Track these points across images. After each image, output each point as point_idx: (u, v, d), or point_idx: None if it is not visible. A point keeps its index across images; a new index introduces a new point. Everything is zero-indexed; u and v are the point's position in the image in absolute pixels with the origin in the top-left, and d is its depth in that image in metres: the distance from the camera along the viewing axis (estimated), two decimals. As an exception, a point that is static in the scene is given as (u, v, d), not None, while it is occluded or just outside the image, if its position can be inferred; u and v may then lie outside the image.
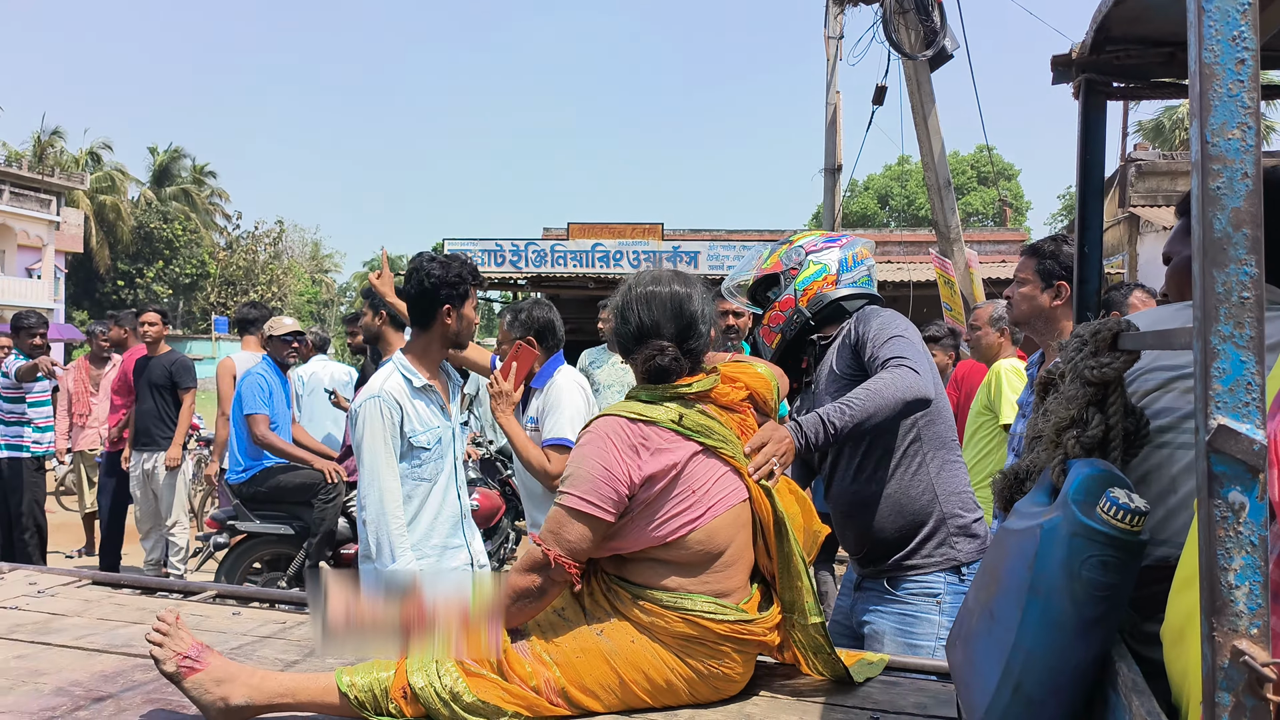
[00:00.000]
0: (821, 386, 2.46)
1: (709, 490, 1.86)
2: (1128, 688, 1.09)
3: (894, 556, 2.34)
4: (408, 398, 2.75)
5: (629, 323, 1.95)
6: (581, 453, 1.85)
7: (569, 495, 1.81)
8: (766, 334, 2.58)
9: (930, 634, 2.28)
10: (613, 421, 1.86)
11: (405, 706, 1.72)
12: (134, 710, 1.78)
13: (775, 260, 2.56)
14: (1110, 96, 1.75)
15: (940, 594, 2.29)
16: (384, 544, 2.62)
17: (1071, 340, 1.39)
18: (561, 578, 1.80)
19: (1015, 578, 1.24)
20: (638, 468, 1.81)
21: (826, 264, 2.51)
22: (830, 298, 2.49)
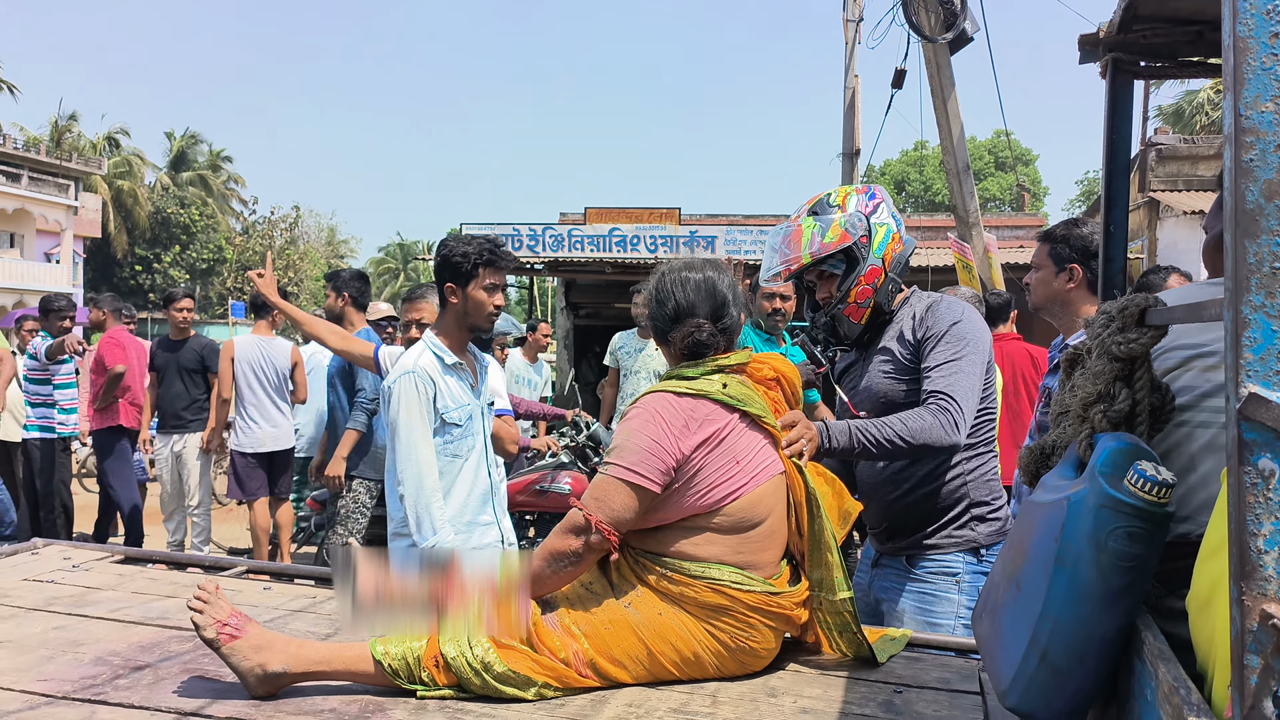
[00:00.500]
0: (874, 364, 2.41)
1: (751, 460, 1.91)
2: (1153, 655, 1.11)
3: (915, 535, 2.36)
4: (440, 374, 2.79)
5: (665, 305, 2.02)
6: (630, 425, 1.89)
7: (616, 465, 1.85)
8: (854, 311, 2.40)
9: (950, 613, 2.30)
10: (661, 397, 1.92)
11: (438, 675, 1.76)
12: (172, 679, 1.82)
13: (839, 232, 2.37)
14: (1137, 76, 1.76)
15: (960, 573, 2.32)
16: (423, 518, 2.66)
17: (1098, 317, 1.41)
18: (600, 544, 1.83)
19: (1042, 549, 1.26)
20: (686, 441, 1.86)
21: (888, 223, 2.41)
22: (905, 257, 2.42)
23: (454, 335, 2.87)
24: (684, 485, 1.87)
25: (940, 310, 2.34)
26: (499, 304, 2.84)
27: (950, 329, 2.28)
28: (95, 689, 1.76)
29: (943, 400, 2.19)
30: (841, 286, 2.40)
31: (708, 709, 1.75)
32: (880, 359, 2.40)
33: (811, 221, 2.41)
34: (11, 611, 2.23)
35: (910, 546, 2.37)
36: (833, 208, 2.41)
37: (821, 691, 1.86)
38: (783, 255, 2.42)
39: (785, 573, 1.97)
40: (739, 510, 1.88)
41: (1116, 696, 1.28)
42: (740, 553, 1.88)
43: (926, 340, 2.30)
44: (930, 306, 2.36)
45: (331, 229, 53.62)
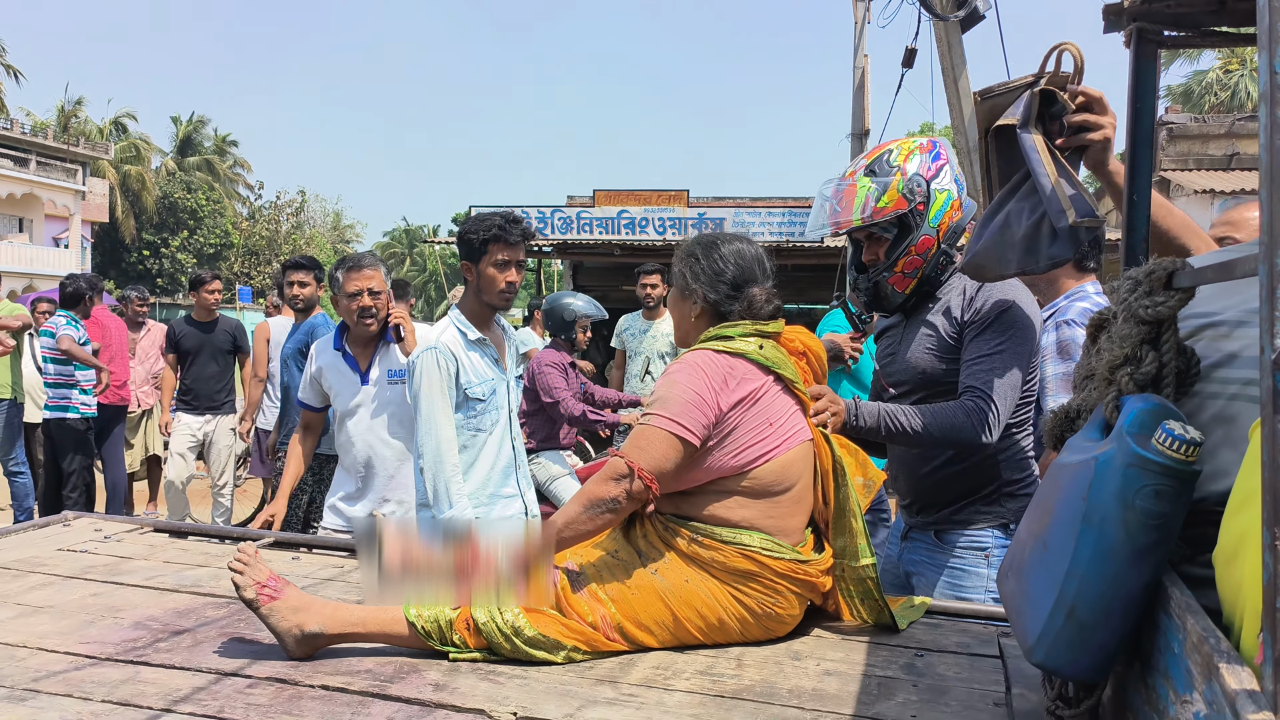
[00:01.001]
0: (917, 337, 2.35)
1: (783, 423, 1.95)
2: (1180, 609, 1.14)
3: (944, 510, 2.34)
4: (463, 350, 2.83)
5: (724, 276, 2.05)
6: (672, 379, 1.93)
7: (658, 416, 1.88)
8: (900, 280, 2.31)
9: (980, 587, 2.29)
10: (703, 353, 1.96)
11: (469, 638, 1.80)
12: (210, 642, 1.87)
13: (896, 196, 2.23)
14: (1161, 45, 1.77)
15: (989, 548, 2.29)
16: (440, 491, 2.71)
17: (1123, 281, 1.43)
18: (641, 493, 1.85)
19: (1069, 509, 1.29)
20: (725, 396, 1.89)
21: (949, 189, 2.27)
22: (962, 224, 2.31)
23: (475, 311, 2.90)
24: (718, 443, 1.90)
25: (991, 293, 2.24)
26: (510, 280, 2.84)
27: (998, 317, 2.21)
28: (137, 651, 1.80)
29: (979, 399, 2.15)
30: (891, 253, 2.29)
31: (733, 671, 1.79)
32: (924, 332, 2.32)
33: (868, 182, 2.27)
34: (49, 579, 2.27)
35: (940, 521, 2.36)
36: (892, 168, 2.26)
37: (844, 655, 1.89)
38: (832, 213, 2.31)
39: (810, 540, 2.01)
40: (769, 474, 1.91)
41: (1140, 652, 1.31)
42: (770, 517, 1.91)
43: (972, 325, 2.23)
44: (982, 286, 2.25)
45: (337, 214, 53.68)
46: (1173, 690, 1.13)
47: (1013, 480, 2.31)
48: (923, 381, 2.32)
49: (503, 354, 3.00)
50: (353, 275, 3.29)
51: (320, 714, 1.55)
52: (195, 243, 39.64)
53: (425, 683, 1.69)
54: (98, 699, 1.58)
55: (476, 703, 1.60)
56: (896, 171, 2.26)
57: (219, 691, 1.63)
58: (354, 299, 3.27)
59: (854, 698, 1.67)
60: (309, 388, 3.48)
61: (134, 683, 1.65)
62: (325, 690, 1.65)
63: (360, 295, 3.27)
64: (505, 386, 2.96)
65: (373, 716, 1.54)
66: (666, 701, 1.63)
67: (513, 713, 1.57)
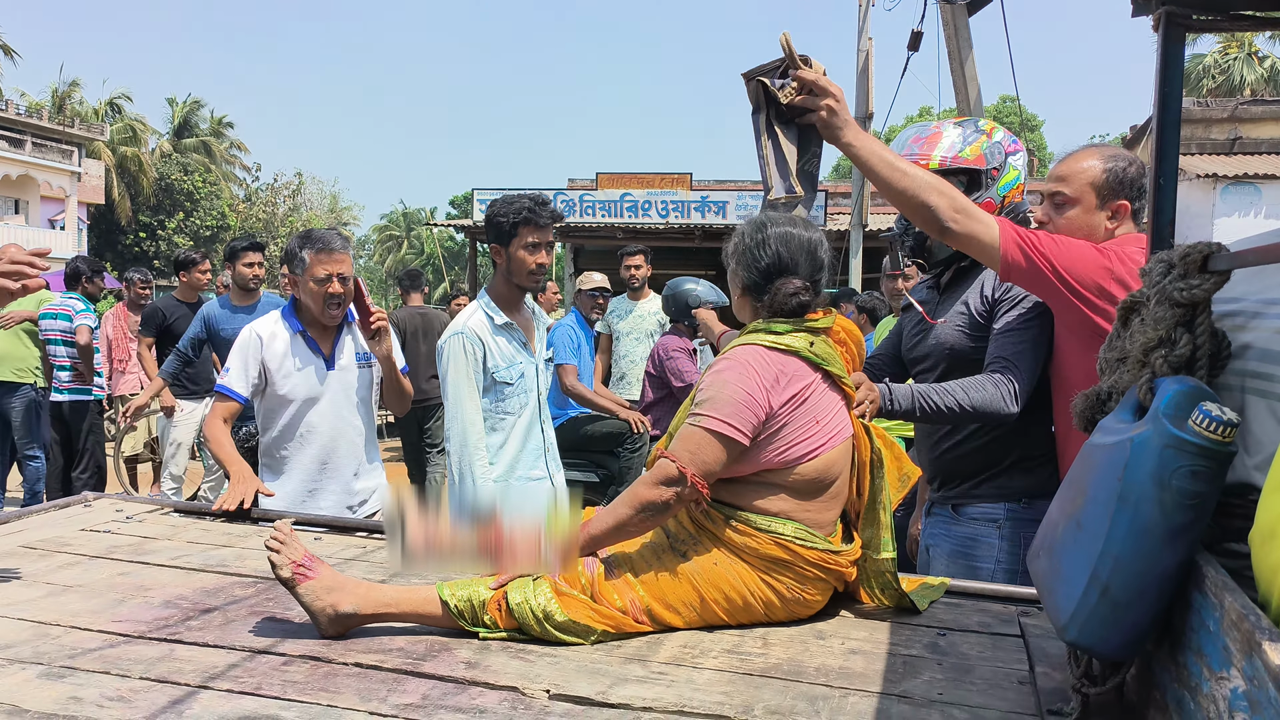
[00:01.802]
0: (950, 315, 2.42)
1: (830, 421, 1.95)
2: (1217, 587, 1.15)
3: (963, 485, 2.42)
4: (489, 334, 2.86)
5: (760, 260, 1.99)
6: (722, 377, 1.90)
7: (709, 418, 1.86)
8: None
9: (990, 556, 2.38)
10: (754, 350, 1.93)
11: (500, 619, 1.82)
12: (241, 620, 1.89)
13: (978, 153, 2.34)
14: (1189, 29, 1.77)
15: (1000, 520, 2.38)
16: (465, 473, 2.76)
17: (1156, 265, 1.44)
18: (691, 495, 1.86)
19: (1104, 489, 1.30)
20: (776, 395, 1.88)
21: (1020, 171, 2.38)
22: (1022, 209, 2.40)
23: (504, 295, 2.93)
24: (766, 439, 1.90)
25: None
26: (540, 262, 2.87)
27: (1028, 295, 2.28)
28: (170, 629, 1.82)
29: (1006, 369, 2.23)
30: None
31: (760, 649, 1.81)
32: (957, 311, 2.41)
33: (957, 131, 2.37)
34: (76, 559, 2.29)
35: (958, 495, 2.44)
36: (979, 129, 2.39)
37: (868, 634, 1.91)
38: (910, 151, 2.37)
39: (839, 530, 2.03)
40: (814, 470, 1.92)
41: (1169, 630, 1.33)
42: (807, 511, 1.93)
43: (1003, 302, 2.32)
44: None
45: (334, 196, 53.42)
46: (1207, 667, 1.15)
47: (1030, 456, 2.38)
48: (949, 358, 2.39)
49: (531, 337, 3.01)
50: (323, 259, 2.95)
51: (356, 691, 1.56)
52: (192, 225, 39.47)
53: (458, 661, 1.71)
54: (135, 675, 1.60)
55: (509, 680, 1.62)
56: (983, 135, 2.37)
57: (254, 668, 1.65)
58: (324, 284, 2.95)
59: (880, 676, 1.69)
60: (245, 375, 3.02)
61: (169, 660, 1.67)
62: (359, 668, 1.67)
63: (330, 281, 2.95)
64: (534, 369, 2.97)
65: (408, 693, 1.56)
66: (696, 679, 1.65)
67: (545, 690, 1.59)
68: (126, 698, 1.51)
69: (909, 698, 1.59)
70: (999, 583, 2.33)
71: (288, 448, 3.05)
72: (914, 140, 2.39)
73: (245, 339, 3.05)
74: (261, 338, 3.03)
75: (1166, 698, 1.30)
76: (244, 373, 3.01)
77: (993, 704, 1.58)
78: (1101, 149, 2.23)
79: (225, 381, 3.03)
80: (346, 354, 3.11)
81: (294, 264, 3.00)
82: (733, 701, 1.56)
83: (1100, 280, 2.04)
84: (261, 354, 3.02)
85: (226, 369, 3.06)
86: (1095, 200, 2.19)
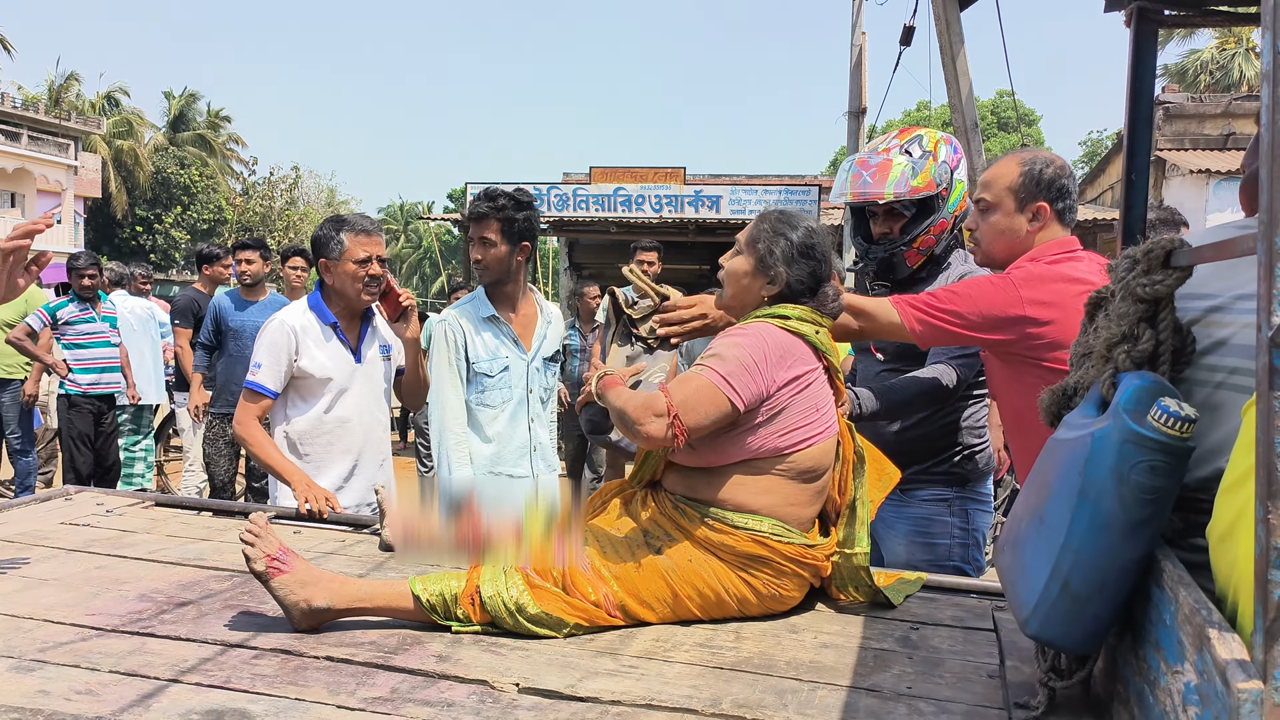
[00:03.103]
0: None
1: (825, 413, 1.98)
2: (1173, 582, 1.16)
3: (911, 470, 2.52)
4: (473, 325, 2.91)
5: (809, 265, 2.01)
6: (734, 340, 1.92)
7: (713, 371, 1.86)
8: (914, 256, 2.54)
9: (945, 533, 2.58)
10: (767, 326, 1.95)
11: (473, 613, 1.82)
12: (215, 615, 1.89)
13: (928, 180, 2.46)
14: (1161, 25, 1.78)
15: (949, 499, 2.58)
16: (443, 457, 2.83)
17: (1122, 260, 1.44)
18: (663, 438, 1.83)
19: (1065, 484, 1.31)
20: (780, 372, 1.90)
21: (963, 181, 2.53)
22: (966, 215, 2.52)
23: (488, 287, 2.96)
24: (765, 421, 1.91)
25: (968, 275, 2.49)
26: (478, 258, 2.89)
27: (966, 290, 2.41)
28: (143, 622, 1.82)
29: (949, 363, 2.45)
30: (908, 229, 2.50)
31: (732, 643, 1.82)
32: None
33: (904, 161, 2.47)
34: (54, 552, 2.29)
35: (906, 481, 2.50)
36: (926, 153, 2.49)
37: (840, 628, 1.92)
38: (862, 184, 2.47)
39: (815, 526, 2.04)
40: (808, 459, 1.93)
41: (1131, 624, 1.33)
42: (793, 504, 1.94)
43: None
44: (964, 277, 2.48)
45: (331, 190, 53.29)
46: (1164, 661, 1.15)
47: (970, 444, 2.60)
48: (897, 351, 2.59)
49: (526, 334, 3.01)
50: (361, 240, 2.89)
51: (325, 684, 1.57)
52: (189, 219, 39.38)
53: (428, 654, 1.71)
54: (105, 669, 1.60)
55: (479, 673, 1.62)
56: (930, 157, 2.48)
57: (225, 662, 1.65)
58: (364, 265, 2.88)
59: (850, 669, 1.70)
60: (277, 370, 2.90)
61: (141, 653, 1.67)
62: (330, 661, 1.67)
63: (370, 262, 2.88)
64: (525, 367, 2.97)
65: (377, 687, 1.57)
66: (666, 673, 1.66)
67: (515, 683, 1.59)
68: (95, 691, 1.51)
69: (877, 691, 1.60)
70: (956, 557, 2.56)
71: (319, 442, 2.95)
72: (866, 168, 2.49)
73: (276, 333, 2.90)
74: (295, 331, 2.91)
75: (1129, 691, 1.31)
76: (276, 368, 2.88)
77: (960, 697, 1.58)
78: (1023, 153, 2.28)
79: (257, 378, 2.88)
80: (372, 346, 3.05)
81: (329, 248, 2.91)
82: (701, 695, 1.56)
83: (1017, 310, 2.09)
84: (294, 348, 2.90)
85: (256, 364, 2.90)
86: (1014, 204, 2.24)
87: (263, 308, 5.79)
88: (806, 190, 12.61)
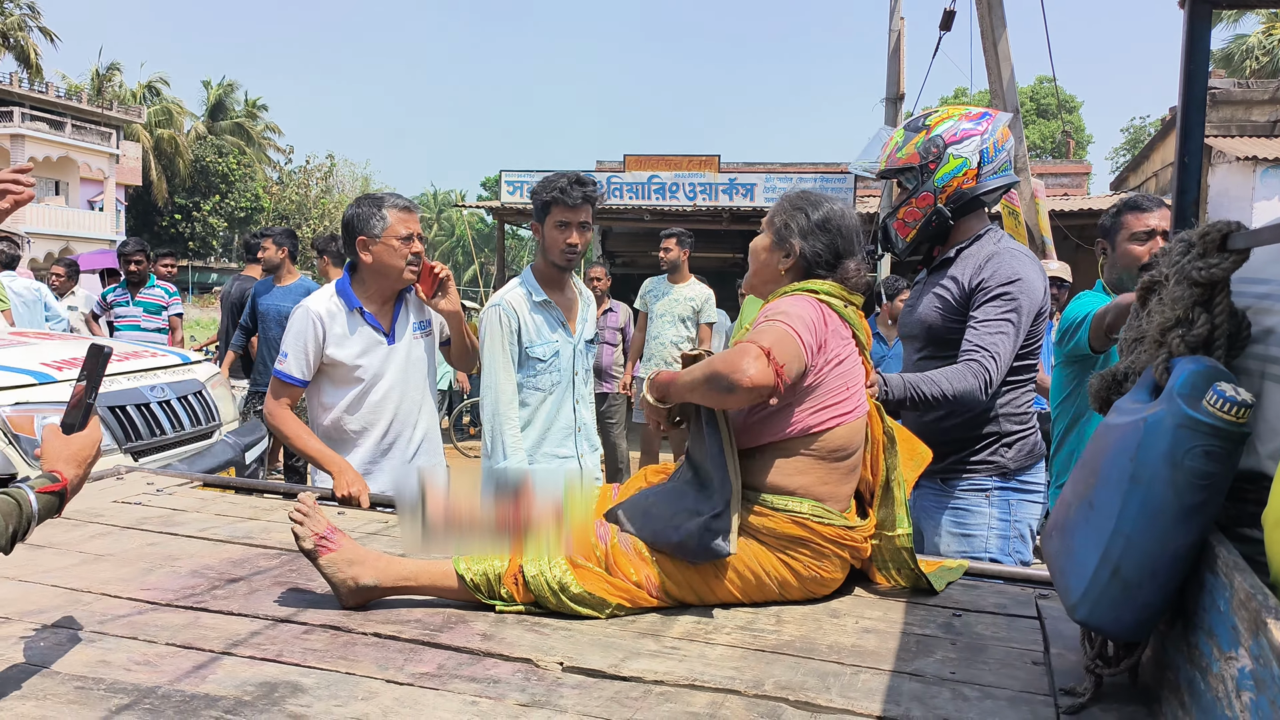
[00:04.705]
0: (930, 296, 2.55)
1: (857, 391, 1.99)
2: (1228, 568, 1.15)
3: (949, 460, 2.51)
4: (526, 309, 2.95)
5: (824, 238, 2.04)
6: (782, 306, 1.94)
7: (781, 324, 1.86)
8: (901, 227, 2.55)
9: (982, 524, 2.51)
10: (805, 296, 1.99)
11: (516, 592, 1.85)
12: (265, 590, 1.93)
13: (911, 152, 2.46)
14: (1216, 6, 1.75)
15: (989, 490, 2.52)
16: (497, 442, 2.86)
17: (1175, 244, 1.42)
18: (763, 381, 1.77)
19: (1117, 469, 1.30)
20: (825, 336, 1.92)
21: (967, 158, 2.43)
22: (971, 194, 2.46)
23: (543, 272, 3.01)
24: (801, 396, 1.92)
25: (999, 266, 2.40)
26: (570, 241, 2.90)
27: (1001, 287, 2.38)
28: (196, 597, 1.87)
29: (984, 359, 2.34)
30: (898, 201, 2.56)
31: (773, 626, 1.82)
32: (936, 291, 2.53)
33: (902, 134, 2.52)
34: (107, 529, 2.35)
35: (944, 470, 2.54)
36: (925, 125, 2.49)
37: (882, 614, 1.92)
38: (873, 156, 2.58)
39: (853, 507, 2.04)
40: (838, 438, 1.94)
41: (1183, 611, 1.32)
42: (825, 483, 1.94)
43: (979, 291, 2.42)
44: (991, 258, 2.42)
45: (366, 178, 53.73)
46: (1217, 647, 1.14)
47: (1010, 432, 2.53)
48: (928, 336, 2.55)
49: (572, 318, 3.06)
50: (404, 216, 2.83)
51: (374, 660, 1.60)
52: (226, 206, 39.93)
53: (473, 632, 1.74)
54: (162, 642, 1.64)
55: (523, 652, 1.65)
56: (922, 130, 2.48)
57: (276, 636, 1.68)
58: (407, 242, 2.82)
59: (893, 654, 1.70)
60: (306, 358, 2.85)
61: (195, 627, 1.71)
62: (378, 638, 1.70)
63: (412, 239, 2.83)
64: (571, 350, 3.02)
65: (424, 663, 1.59)
66: (708, 654, 1.67)
67: (559, 662, 1.61)
68: (153, 662, 1.55)
69: (920, 676, 1.60)
70: (993, 549, 2.51)
71: (350, 428, 2.91)
72: (886, 142, 2.57)
73: (302, 321, 2.85)
74: (321, 318, 2.84)
75: (1179, 678, 1.30)
76: (303, 356, 2.84)
77: (1005, 683, 1.58)
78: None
79: (284, 367, 2.84)
80: (406, 325, 2.98)
81: (369, 225, 2.82)
82: (744, 676, 1.57)
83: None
84: (322, 335, 2.84)
85: (283, 354, 2.87)
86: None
87: (286, 292, 6.14)
88: (842, 178, 12.51)
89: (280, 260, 6.22)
